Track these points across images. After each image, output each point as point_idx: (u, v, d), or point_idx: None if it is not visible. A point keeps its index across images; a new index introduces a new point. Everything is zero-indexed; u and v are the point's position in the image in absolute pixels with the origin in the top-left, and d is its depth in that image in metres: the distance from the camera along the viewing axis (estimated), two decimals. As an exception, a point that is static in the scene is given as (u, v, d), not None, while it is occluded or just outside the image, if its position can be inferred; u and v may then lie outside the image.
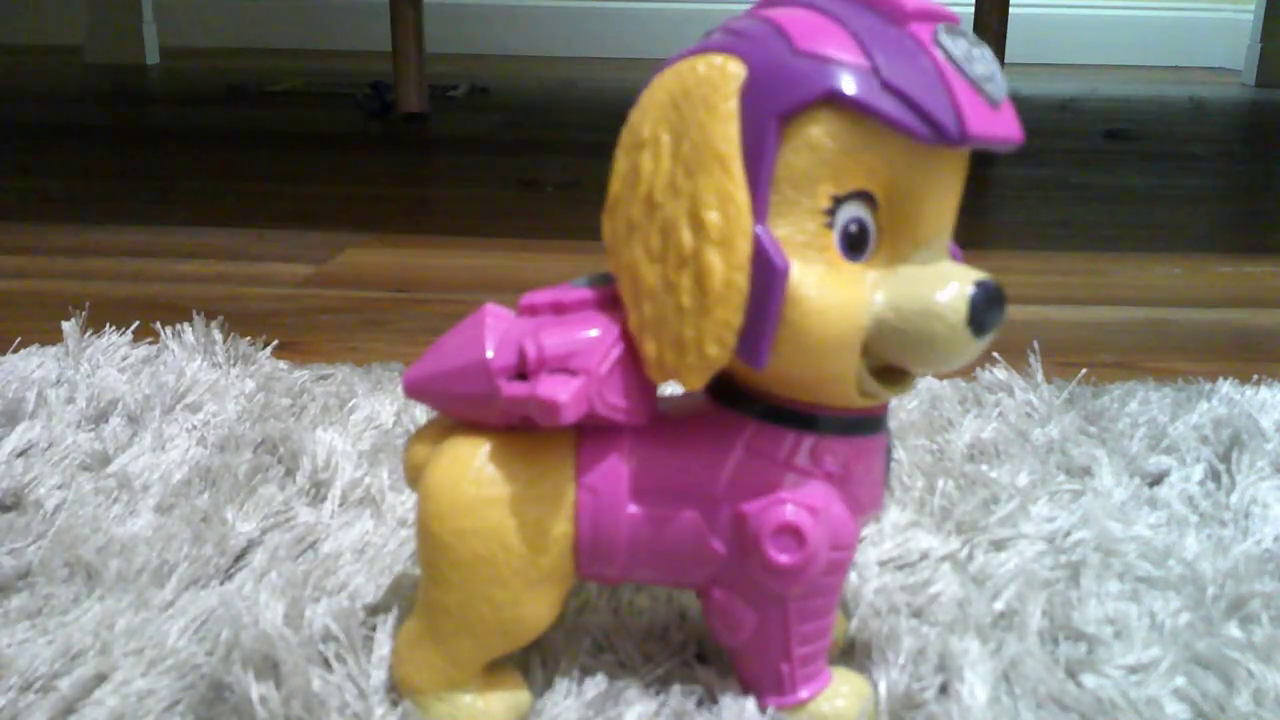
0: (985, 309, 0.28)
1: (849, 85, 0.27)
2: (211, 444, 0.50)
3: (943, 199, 0.29)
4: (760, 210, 0.28)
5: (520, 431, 0.31)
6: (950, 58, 0.28)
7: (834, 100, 0.27)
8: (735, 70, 0.28)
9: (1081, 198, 1.13)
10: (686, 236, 0.28)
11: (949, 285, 0.28)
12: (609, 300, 0.31)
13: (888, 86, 0.27)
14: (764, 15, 0.29)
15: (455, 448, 0.31)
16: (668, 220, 0.28)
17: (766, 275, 0.28)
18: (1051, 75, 2.27)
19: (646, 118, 0.29)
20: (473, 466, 0.31)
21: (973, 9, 1.41)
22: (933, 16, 0.28)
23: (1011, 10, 1.42)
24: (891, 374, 0.30)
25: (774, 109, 0.28)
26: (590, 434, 0.31)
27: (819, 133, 0.28)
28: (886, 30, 0.28)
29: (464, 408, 0.32)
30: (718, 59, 0.28)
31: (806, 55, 0.28)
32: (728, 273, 0.28)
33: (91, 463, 0.48)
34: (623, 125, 0.30)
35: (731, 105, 0.28)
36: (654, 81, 0.30)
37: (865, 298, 0.28)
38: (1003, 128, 0.28)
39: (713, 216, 0.28)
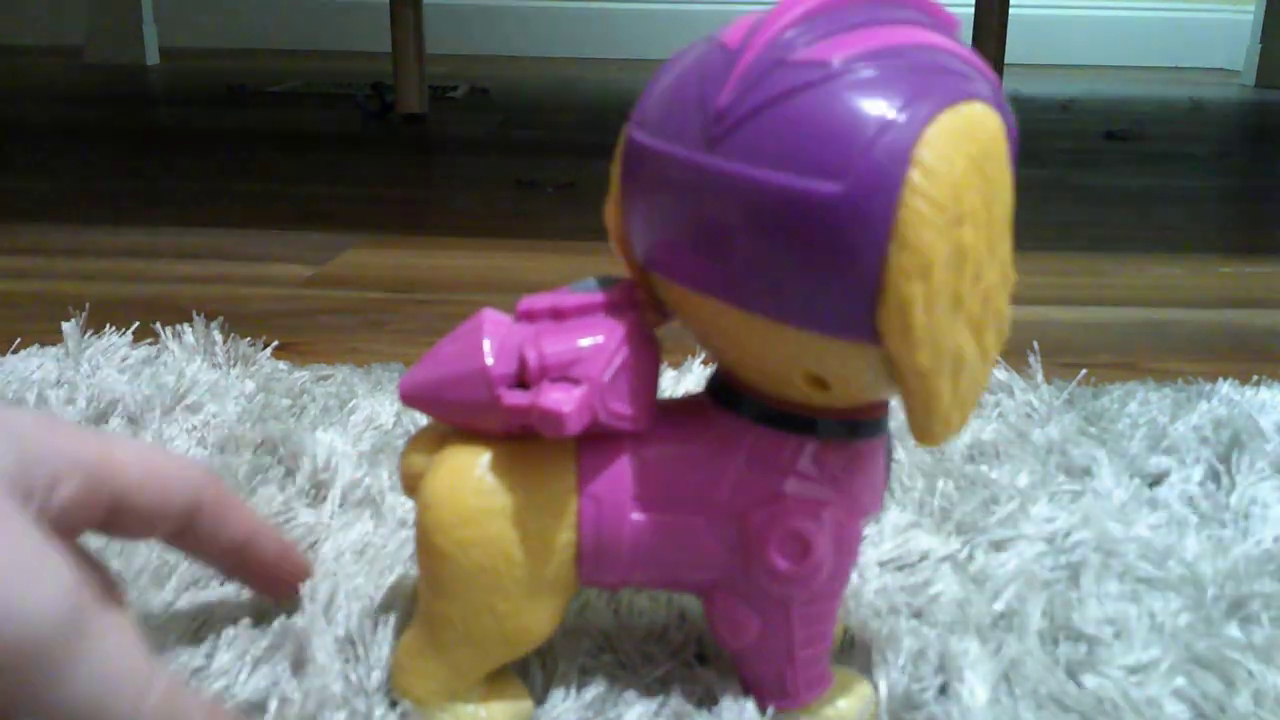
0: None
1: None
2: (211, 445, 0.50)
3: None
4: None
5: (519, 439, 0.31)
6: None
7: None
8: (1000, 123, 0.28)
9: (1081, 198, 1.13)
10: (1003, 300, 0.28)
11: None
12: (609, 305, 0.30)
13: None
14: (944, 48, 0.27)
15: (455, 457, 0.31)
16: (989, 288, 0.28)
17: None
18: (1051, 75, 2.27)
19: (962, 188, 0.26)
20: (473, 476, 0.30)
21: (973, 9, 1.41)
22: None
23: (1011, 10, 1.42)
24: None
25: (1012, 159, 0.28)
26: (591, 441, 0.31)
27: None
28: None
29: (462, 415, 0.31)
30: (980, 108, 0.27)
31: (1003, 95, 0.28)
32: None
33: (91, 463, 0.48)
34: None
35: None
36: (936, 139, 0.26)
37: None
38: None
39: (1012, 274, 0.29)
